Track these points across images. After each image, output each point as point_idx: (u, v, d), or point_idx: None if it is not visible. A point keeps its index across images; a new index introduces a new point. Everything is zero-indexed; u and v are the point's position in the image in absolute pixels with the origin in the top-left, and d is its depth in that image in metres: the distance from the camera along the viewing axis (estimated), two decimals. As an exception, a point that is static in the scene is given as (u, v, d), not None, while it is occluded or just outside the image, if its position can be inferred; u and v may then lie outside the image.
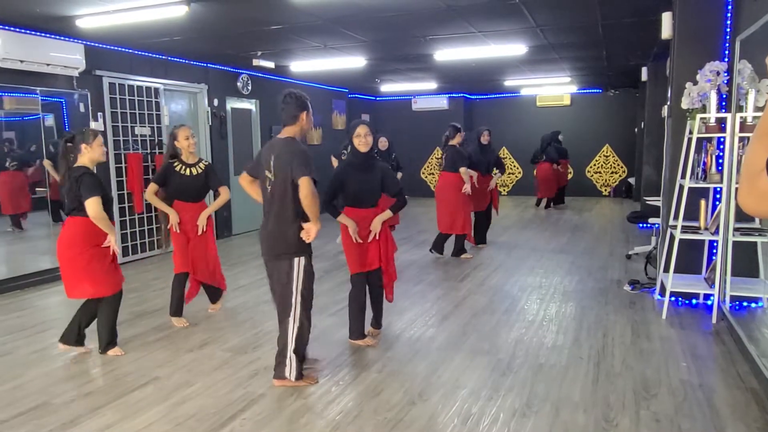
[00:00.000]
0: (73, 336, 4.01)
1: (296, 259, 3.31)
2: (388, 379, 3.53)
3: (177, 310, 4.65)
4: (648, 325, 4.43)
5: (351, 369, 3.69)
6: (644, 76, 9.43)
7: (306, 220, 3.30)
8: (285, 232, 3.29)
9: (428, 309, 5.01)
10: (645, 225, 7.05)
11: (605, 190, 13.67)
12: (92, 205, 3.69)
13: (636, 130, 12.33)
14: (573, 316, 4.73)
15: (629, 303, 5.03)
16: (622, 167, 13.46)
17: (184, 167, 4.54)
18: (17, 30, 5.73)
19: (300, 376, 3.44)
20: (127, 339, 4.31)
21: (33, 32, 5.88)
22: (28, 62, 5.69)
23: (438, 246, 7.11)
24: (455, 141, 6.91)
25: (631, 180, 12.82)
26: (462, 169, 6.78)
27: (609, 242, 7.93)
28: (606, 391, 3.28)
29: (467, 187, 6.80)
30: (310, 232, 3.30)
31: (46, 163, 6.27)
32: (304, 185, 3.18)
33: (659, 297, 4.99)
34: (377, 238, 4.01)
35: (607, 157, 13.55)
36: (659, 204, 6.04)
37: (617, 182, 13.55)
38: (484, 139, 7.55)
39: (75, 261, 3.79)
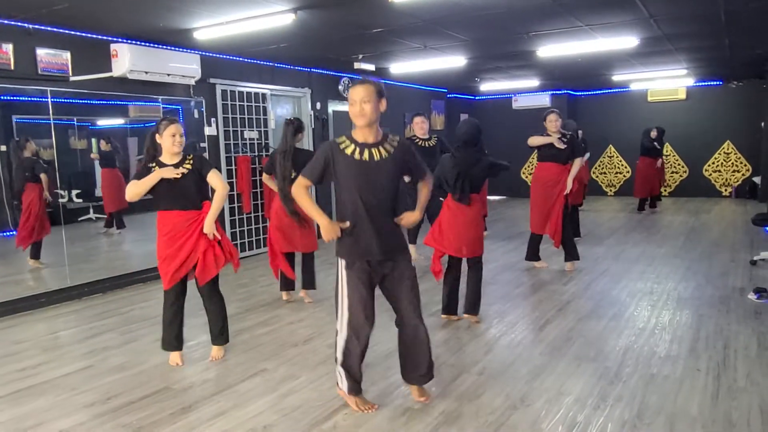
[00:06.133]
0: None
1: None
2: (489, 381, 3.48)
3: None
4: (777, 337, 4.05)
5: (450, 370, 3.67)
6: (772, 66, 8.63)
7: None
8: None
9: (529, 312, 4.88)
10: (773, 228, 6.46)
11: (725, 190, 12.64)
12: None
13: (762, 124, 11.31)
14: (689, 324, 4.42)
15: (754, 313, 4.62)
16: (745, 165, 12.39)
17: None
18: (142, 44, 6.24)
19: (355, 391, 3.14)
20: (236, 331, 4.56)
21: (156, 45, 6.38)
22: (152, 73, 6.17)
23: (531, 253, 6.49)
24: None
25: (756, 179, 11.75)
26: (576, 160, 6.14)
27: (730, 247, 7.33)
28: (728, 407, 3.04)
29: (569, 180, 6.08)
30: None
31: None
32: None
33: (790, 307, 4.55)
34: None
35: (728, 154, 12.52)
36: (791, 205, 5.50)
37: (739, 181, 12.48)
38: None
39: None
